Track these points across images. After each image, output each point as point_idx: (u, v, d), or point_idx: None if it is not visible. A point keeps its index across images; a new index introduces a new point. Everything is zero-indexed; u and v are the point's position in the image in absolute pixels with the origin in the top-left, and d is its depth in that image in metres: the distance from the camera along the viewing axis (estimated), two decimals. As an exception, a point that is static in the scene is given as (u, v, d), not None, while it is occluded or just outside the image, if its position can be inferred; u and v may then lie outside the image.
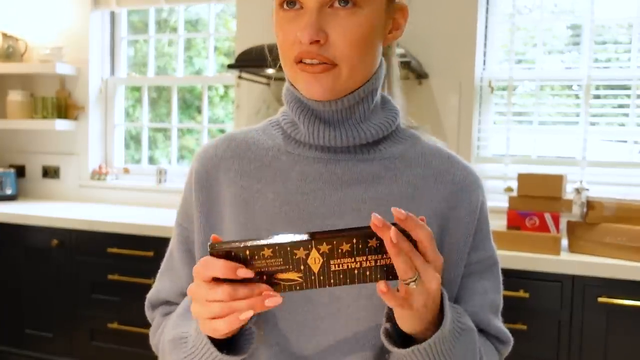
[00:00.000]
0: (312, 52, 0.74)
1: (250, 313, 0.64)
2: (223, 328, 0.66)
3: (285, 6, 0.76)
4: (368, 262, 0.64)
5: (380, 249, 0.64)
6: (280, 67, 0.83)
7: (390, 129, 0.84)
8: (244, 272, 0.63)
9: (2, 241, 2.80)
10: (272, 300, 0.64)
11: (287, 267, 0.64)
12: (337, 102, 0.80)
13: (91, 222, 2.62)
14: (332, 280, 0.65)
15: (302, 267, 0.64)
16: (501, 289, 0.90)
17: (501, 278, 0.91)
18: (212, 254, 0.64)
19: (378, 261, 0.64)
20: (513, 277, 2.02)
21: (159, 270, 0.95)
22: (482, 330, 0.86)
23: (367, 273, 0.65)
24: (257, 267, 0.64)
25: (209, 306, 0.65)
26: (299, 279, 0.65)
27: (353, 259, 0.64)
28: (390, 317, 0.74)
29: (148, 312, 0.96)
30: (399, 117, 0.87)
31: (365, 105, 0.82)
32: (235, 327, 0.66)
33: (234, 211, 0.83)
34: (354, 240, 0.63)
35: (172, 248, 0.92)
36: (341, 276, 0.65)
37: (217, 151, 0.88)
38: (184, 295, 0.90)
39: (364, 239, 0.63)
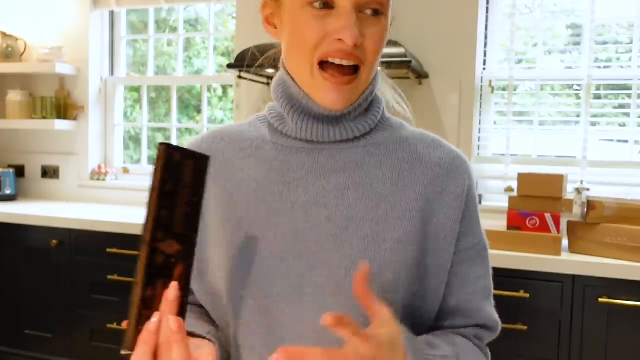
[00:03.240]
0: (346, 51, 0.75)
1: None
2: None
3: (315, 5, 0.76)
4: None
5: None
6: (262, 66, 0.84)
7: (375, 121, 0.85)
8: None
9: (1, 241, 2.80)
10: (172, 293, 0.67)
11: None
12: None
13: (91, 222, 2.62)
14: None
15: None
16: (491, 272, 0.90)
17: (490, 262, 0.90)
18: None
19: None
20: (513, 277, 2.02)
21: None
22: (470, 317, 0.86)
23: None
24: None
25: None
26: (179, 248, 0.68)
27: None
28: None
29: None
30: (382, 105, 0.88)
31: (359, 109, 0.83)
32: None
33: (217, 204, 0.84)
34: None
35: None
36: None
37: (203, 145, 0.88)
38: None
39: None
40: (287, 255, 0.79)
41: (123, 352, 0.65)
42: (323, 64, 0.77)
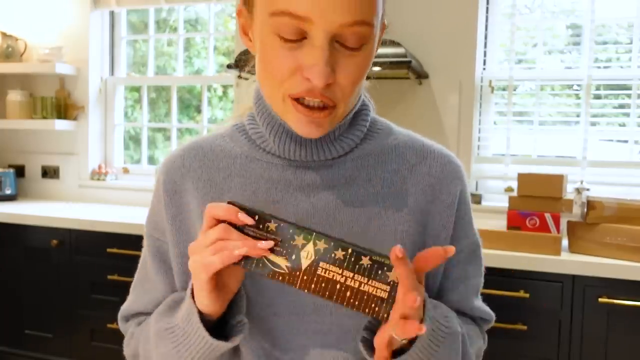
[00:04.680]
0: (316, 92, 0.68)
1: (244, 250, 0.64)
2: (217, 262, 0.64)
3: (286, 36, 0.67)
4: (353, 280, 0.65)
5: (369, 272, 0.64)
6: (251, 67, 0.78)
7: (361, 136, 0.81)
8: (244, 217, 0.64)
9: (1, 241, 2.80)
10: (265, 243, 0.64)
11: (281, 249, 0.65)
12: None
13: (91, 222, 2.62)
14: (313, 286, 0.65)
15: (293, 257, 0.65)
16: (483, 270, 0.89)
17: (483, 259, 0.89)
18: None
19: (362, 285, 0.65)
20: (513, 277, 2.02)
21: (133, 282, 0.92)
22: (465, 314, 0.86)
23: (347, 294, 0.65)
24: (256, 237, 0.66)
25: (205, 250, 0.65)
26: (285, 268, 0.65)
27: (341, 270, 0.65)
28: (369, 326, 0.74)
29: (121, 324, 0.93)
30: (370, 113, 0.84)
31: (342, 125, 0.79)
32: (228, 262, 0.64)
33: None
34: (349, 250, 0.64)
35: (145, 259, 0.89)
36: (323, 285, 0.65)
37: (184, 161, 0.84)
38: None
39: (358, 255, 0.64)
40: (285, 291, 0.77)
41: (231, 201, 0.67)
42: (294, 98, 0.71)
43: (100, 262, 2.60)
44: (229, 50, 3.32)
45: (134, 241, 2.50)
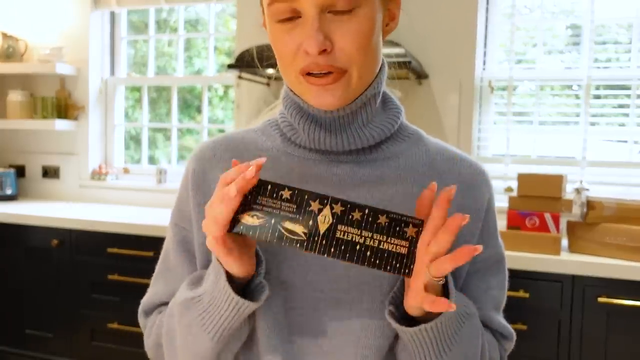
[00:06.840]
0: (320, 63, 0.71)
1: (234, 189, 0.65)
2: (224, 212, 0.66)
3: (282, 19, 0.72)
4: (372, 240, 0.65)
5: (387, 230, 0.65)
6: (275, 65, 0.80)
7: (392, 130, 0.82)
8: (251, 171, 0.66)
9: (2, 241, 2.80)
10: (251, 170, 0.66)
11: (297, 216, 0.66)
12: (340, 109, 0.78)
13: (91, 222, 2.62)
14: (332, 249, 0.65)
15: (310, 222, 0.65)
16: (506, 285, 0.88)
17: (507, 274, 0.89)
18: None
19: (382, 243, 0.65)
20: (513, 277, 2.00)
21: (154, 274, 0.91)
22: (485, 326, 0.85)
23: (368, 254, 0.65)
24: (270, 206, 0.66)
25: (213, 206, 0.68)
26: (303, 234, 0.65)
27: (359, 231, 0.65)
28: (394, 299, 0.74)
29: (141, 319, 0.92)
30: (402, 115, 0.85)
31: (368, 109, 0.80)
32: (230, 205, 0.66)
33: None
34: (366, 211, 0.66)
35: (168, 249, 0.89)
36: (342, 247, 0.65)
37: (215, 152, 0.85)
38: None
39: (375, 214, 0.66)
40: (308, 270, 0.77)
41: None
42: (307, 74, 0.74)
43: (100, 262, 2.60)
44: (230, 51, 3.32)
45: (134, 241, 2.50)
